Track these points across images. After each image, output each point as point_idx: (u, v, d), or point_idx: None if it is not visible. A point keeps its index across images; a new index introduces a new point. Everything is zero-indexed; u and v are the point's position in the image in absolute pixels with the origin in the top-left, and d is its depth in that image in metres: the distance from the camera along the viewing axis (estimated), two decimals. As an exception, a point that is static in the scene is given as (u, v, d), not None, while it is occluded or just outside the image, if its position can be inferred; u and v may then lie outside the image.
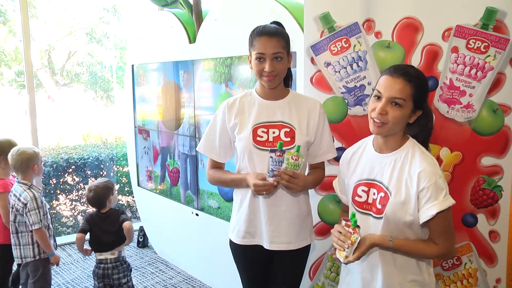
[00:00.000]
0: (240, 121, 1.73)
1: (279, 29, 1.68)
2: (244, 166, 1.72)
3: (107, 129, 6.97)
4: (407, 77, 1.37)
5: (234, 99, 1.79)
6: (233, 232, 1.81)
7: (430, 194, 1.34)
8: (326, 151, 1.77)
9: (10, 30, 8.71)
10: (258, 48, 1.63)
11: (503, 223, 2.09)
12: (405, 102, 1.37)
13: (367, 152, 1.54)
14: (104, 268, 2.49)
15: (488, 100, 1.98)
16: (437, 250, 1.41)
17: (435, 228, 1.40)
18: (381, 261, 1.46)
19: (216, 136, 1.80)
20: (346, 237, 1.38)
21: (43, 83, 9.75)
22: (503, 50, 1.92)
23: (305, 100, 1.77)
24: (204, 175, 3.17)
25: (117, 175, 5.24)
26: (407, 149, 1.43)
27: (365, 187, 1.50)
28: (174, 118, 3.44)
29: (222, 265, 3.04)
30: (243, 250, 1.79)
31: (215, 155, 1.82)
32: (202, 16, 3.10)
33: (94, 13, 9.72)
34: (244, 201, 1.75)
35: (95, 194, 2.50)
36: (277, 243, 1.72)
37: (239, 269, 1.87)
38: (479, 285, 2.10)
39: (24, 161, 2.48)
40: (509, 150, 2.03)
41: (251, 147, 1.68)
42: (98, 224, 2.52)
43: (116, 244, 2.51)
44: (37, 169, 2.55)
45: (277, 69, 1.64)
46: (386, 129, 1.40)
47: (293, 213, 1.72)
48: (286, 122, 1.70)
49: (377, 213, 1.45)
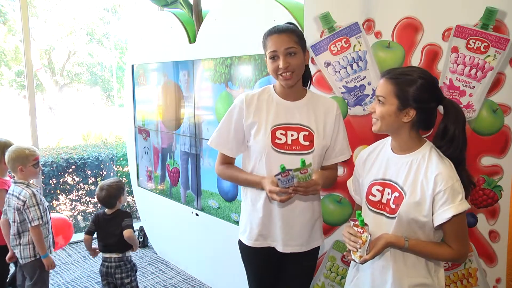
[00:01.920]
0: (258, 120, 1.69)
1: (290, 26, 1.65)
2: (261, 167, 1.69)
3: (107, 129, 6.97)
4: (389, 75, 1.43)
5: (253, 95, 1.73)
6: (244, 233, 1.79)
7: (447, 197, 1.35)
8: (339, 153, 1.75)
9: (10, 30, 8.71)
10: (270, 46, 1.61)
11: (503, 223, 2.09)
12: (386, 99, 1.42)
13: (384, 152, 1.55)
14: (108, 267, 2.50)
15: (488, 100, 1.98)
16: (451, 253, 1.41)
17: (450, 231, 1.40)
18: (393, 262, 1.46)
19: (231, 131, 1.74)
20: (356, 237, 1.38)
21: (43, 83, 9.75)
22: (503, 50, 1.92)
23: (323, 102, 1.73)
24: (204, 175, 3.17)
25: (117, 175, 5.24)
26: (424, 151, 1.44)
27: (380, 186, 1.50)
28: (174, 118, 3.44)
29: (222, 265, 3.04)
30: (254, 252, 1.78)
31: (228, 150, 1.77)
32: (202, 16, 3.11)
33: (94, 13, 9.72)
34: (257, 203, 1.73)
35: (107, 193, 2.48)
36: (291, 246, 1.72)
37: (248, 270, 1.86)
38: (479, 285, 2.10)
39: (10, 160, 2.42)
40: (509, 150, 2.03)
41: (269, 149, 1.65)
42: (103, 226, 2.52)
43: (121, 247, 2.50)
44: (25, 171, 2.43)
45: (292, 65, 1.60)
46: (378, 125, 1.46)
47: (307, 217, 1.72)
48: (304, 125, 1.67)
49: (391, 212, 1.45)
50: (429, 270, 1.47)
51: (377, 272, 1.50)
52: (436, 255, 1.43)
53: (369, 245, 1.39)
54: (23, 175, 2.44)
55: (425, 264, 1.46)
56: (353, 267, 1.62)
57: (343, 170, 2.09)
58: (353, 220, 1.42)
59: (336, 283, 2.21)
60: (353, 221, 1.42)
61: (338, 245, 2.18)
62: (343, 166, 2.07)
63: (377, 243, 1.40)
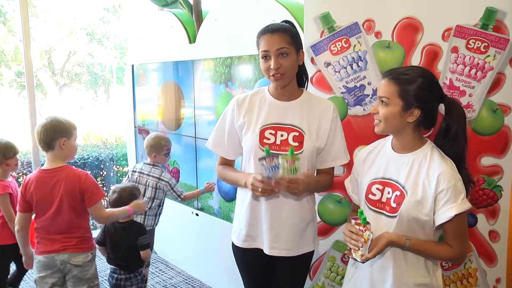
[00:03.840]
0: (248, 120, 1.68)
1: (284, 25, 1.62)
2: (249, 167, 1.68)
3: (107, 129, 6.97)
4: (391, 76, 1.42)
5: (245, 96, 1.73)
6: (234, 234, 1.79)
7: (449, 196, 1.35)
8: (336, 157, 1.69)
9: (10, 30, 8.71)
10: (262, 46, 1.59)
11: (503, 223, 2.09)
12: (390, 99, 1.41)
13: (384, 151, 1.54)
14: (117, 279, 2.32)
15: (488, 100, 1.98)
16: (451, 253, 1.41)
17: (451, 230, 1.40)
18: (393, 261, 1.46)
19: (225, 133, 1.75)
20: (358, 236, 1.38)
21: (43, 83, 9.75)
22: (503, 50, 1.92)
23: (319, 103, 1.69)
24: (204, 175, 3.17)
25: (117, 175, 5.24)
26: (426, 150, 1.43)
27: (380, 185, 1.50)
28: (174, 118, 3.44)
29: (222, 265, 3.04)
30: (244, 252, 1.77)
31: (224, 152, 1.77)
32: (202, 16, 3.11)
33: (94, 13, 9.72)
34: (244, 203, 1.72)
35: (118, 197, 2.32)
36: (277, 248, 1.68)
37: (241, 271, 1.86)
38: (479, 285, 2.10)
39: (148, 146, 2.81)
40: (509, 150, 2.03)
41: (257, 149, 1.63)
42: (113, 236, 2.32)
43: (130, 265, 2.32)
44: (158, 158, 2.82)
45: (283, 66, 1.57)
46: (381, 127, 1.45)
47: (295, 220, 1.67)
48: (296, 126, 1.63)
49: (391, 211, 1.45)
50: (428, 269, 1.47)
51: (376, 271, 1.50)
52: (437, 254, 1.43)
53: (370, 244, 1.38)
54: (155, 160, 2.83)
55: (424, 263, 1.46)
56: (351, 266, 1.62)
57: (343, 170, 2.09)
58: (354, 218, 1.42)
59: (336, 283, 2.21)
60: (354, 220, 1.41)
61: (338, 245, 2.18)
62: (343, 166, 2.07)
63: (379, 242, 1.39)
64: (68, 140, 2.08)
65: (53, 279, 2.08)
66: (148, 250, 2.33)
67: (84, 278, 2.09)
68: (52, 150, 2.06)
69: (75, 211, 2.05)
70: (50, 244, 2.06)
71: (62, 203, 2.02)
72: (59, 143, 2.05)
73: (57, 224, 2.05)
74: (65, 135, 2.07)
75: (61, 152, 2.07)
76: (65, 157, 2.11)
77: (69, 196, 2.02)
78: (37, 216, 2.10)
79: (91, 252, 2.13)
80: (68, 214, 2.03)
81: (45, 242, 2.08)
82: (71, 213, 2.04)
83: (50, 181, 2.04)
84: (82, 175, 2.06)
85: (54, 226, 2.05)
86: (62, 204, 2.03)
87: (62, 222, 2.04)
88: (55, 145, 2.05)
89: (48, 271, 2.07)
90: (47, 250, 2.06)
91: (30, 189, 2.06)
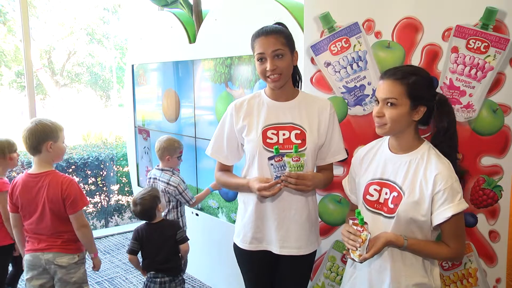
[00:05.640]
0: (248, 123, 1.70)
1: (278, 27, 1.65)
2: (254, 168, 1.69)
3: (107, 129, 6.96)
4: (395, 76, 1.41)
5: (242, 100, 1.76)
6: (238, 236, 1.79)
7: (446, 197, 1.35)
8: (335, 152, 1.73)
9: (10, 30, 8.70)
10: (257, 48, 1.62)
11: (503, 223, 2.09)
12: (398, 100, 1.39)
13: (381, 151, 1.54)
14: (160, 283, 2.26)
15: (488, 100, 1.98)
16: (449, 252, 1.42)
17: (449, 230, 1.40)
18: (391, 261, 1.46)
19: (224, 139, 1.77)
20: (356, 236, 1.38)
21: (43, 83, 9.75)
22: (503, 50, 1.92)
23: (316, 101, 1.73)
24: (204, 175, 3.17)
25: (117, 175, 5.24)
26: (423, 151, 1.44)
27: (377, 186, 1.50)
28: (174, 118, 3.44)
29: (222, 265, 3.04)
30: (249, 255, 1.77)
31: (223, 158, 1.79)
32: (202, 16, 3.11)
33: (94, 13, 9.72)
34: (249, 206, 1.73)
35: (143, 207, 2.30)
36: (288, 247, 1.69)
37: (244, 273, 1.86)
38: (479, 285, 2.10)
39: (161, 149, 2.71)
40: (509, 150, 2.03)
41: (261, 149, 1.64)
42: (147, 239, 2.29)
43: (170, 267, 2.29)
44: (171, 161, 2.72)
45: (279, 67, 1.60)
46: (387, 129, 1.43)
47: (303, 217, 1.70)
48: (296, 124, 1.66)
49: (389, 212, 1.46)
50: (426, 269, 1.47)
51: (375, 271, 1.50)
52: (434, 253, 1.43)
53: (368, 244, 1.39)
54: (168, 163, 2.73)
55: (422, 263, 1.46)
56: (350, 266, 1.62)
57: (342, 169, 2.09)
58: (352, 219, 1.42)
59: (336, 283, 2.20)
60: (352, 220, 1.42)
61: (338, 245, 2.18)
62: (342, 166, 2.07)
63: (377, 242, 1.40)
64: (55, 143, 2.06)
65: (39, 280, 2.07)
66: (187, 243, 2.34)
67: (71, 282, 2.07)
68: (40, 153, 2.04)
69: (58, 217, 2.03)
70: (36, 242, 2.07)
71: (45, 209, 2.02)
72: (46, 147, 2.03)
73: (41, 229, 2.05)
74: (51, 138, 2.04)
75: (48, 155, 2.05)
76: (53, 160, 2.10)
77: (51, 203, 2.01)
78: (23, 218, 2.11)
79: (77, 254, 2.10)
80: (50, 220, 2.03)
81: (32, 241, 2.09)
82: (54, 219, 2.03)
83: (35, 186, 2.03)
84: (66, 181, 2.03)
85: (39, 230, 2.06)
86: (44, 210, 2.02)
87: (46, 227, 2.04)
88: (42, 148, 2.03)
89: (34, 272, 2.07)
90: (33, 249, 2.06)
91: (16, 192, 2.06)
